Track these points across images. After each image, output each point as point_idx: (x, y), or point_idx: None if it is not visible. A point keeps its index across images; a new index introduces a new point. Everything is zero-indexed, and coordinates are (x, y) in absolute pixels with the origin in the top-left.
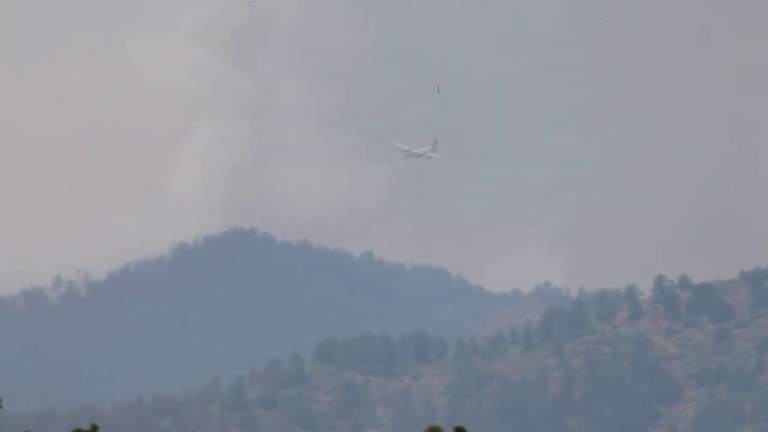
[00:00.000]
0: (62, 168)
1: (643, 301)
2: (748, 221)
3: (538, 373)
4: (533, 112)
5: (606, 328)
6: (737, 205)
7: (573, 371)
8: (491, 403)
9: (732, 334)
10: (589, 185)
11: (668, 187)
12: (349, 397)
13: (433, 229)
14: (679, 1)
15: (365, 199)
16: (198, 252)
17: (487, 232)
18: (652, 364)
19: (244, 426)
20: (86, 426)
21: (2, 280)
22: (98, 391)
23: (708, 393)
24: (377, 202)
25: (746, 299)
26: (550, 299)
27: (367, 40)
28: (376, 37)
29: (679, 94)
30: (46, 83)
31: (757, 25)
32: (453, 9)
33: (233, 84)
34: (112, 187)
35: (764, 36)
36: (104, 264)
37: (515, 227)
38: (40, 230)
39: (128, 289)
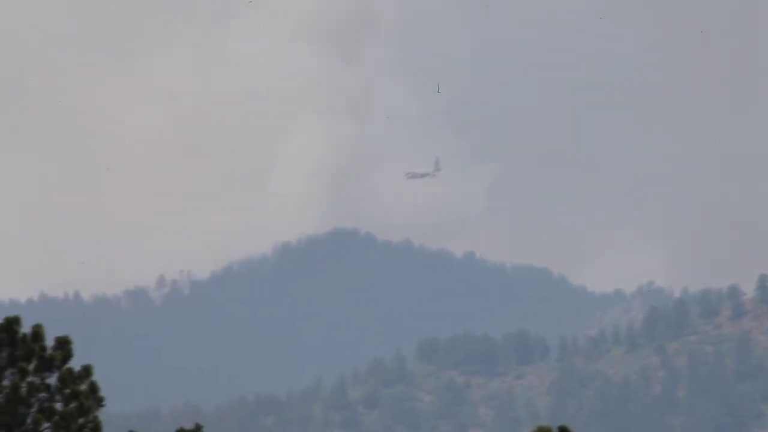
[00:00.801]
0: (166, 167)
1: (746, 300)
2: None
3: (640, 372)
4: (632, 110)
5: (709, 327)
6: None
7: (676, 371)
8: (593, 404)
9: None
10: (695, 184)
11: None
12: (451, 397)
13: (535, 229)
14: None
15: (467, 200)
16: (300, 252)
17: (589, 231)
18: (755, 363)
19: (347, 425)
20: (189, 425)
21: (106, 280)
22: (201, 391)
23: None
24: (479, 202)
25: None
26: (652, 299)
27: (470, 41)
28: (479, 39)
29: None
30: (148, 82)
31: None
32: (555, 10)
33: (336, 82)
34: (216, 187)
35: None
36: (207, 264)
37: (618, 227)
38: (144, 230)
39: (231, 288)
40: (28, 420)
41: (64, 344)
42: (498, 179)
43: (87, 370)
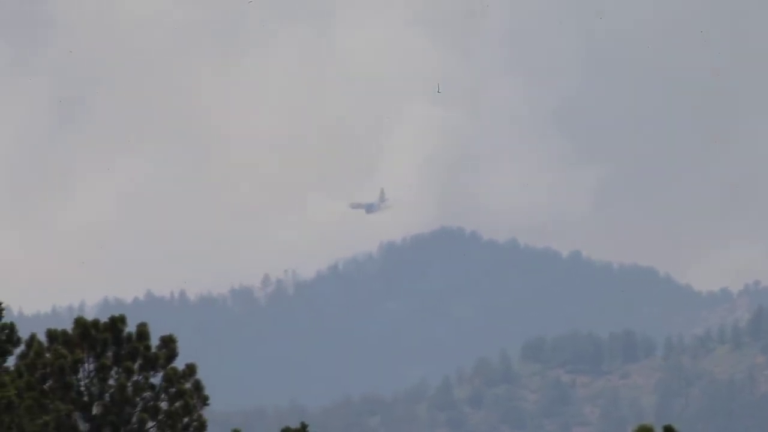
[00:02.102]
0: (272, 164)
1: None
2: None
3: (746, 371)
4: (737, 110)
5: None
6: None
7: None
8: (699, 402)
9: None
10: None
11: None
12: (556, 396)
13: (641, 228)
14: None
15: (573, 199)
16: (406, 251)
17: (695, 231)
18: None
19: (452, 425)
20: (295, 425)
21: (212, 280)
22: (307, 390)
23: None
24: (585, 202)
25: None
26: (759, 298)
27: (581, 43)
28: (590, 40)
29: None
30: (260, 76)
31: None
32: (664, 15)
33: (446, 76)
34: (322, 183)
35: None
36: (312, 263)
37: (724, 226)
38: (249, 229)
39: (336, 287)
40: (134, 419)
41: (168, 343)
42: (604, 179)
43: (191, 369)
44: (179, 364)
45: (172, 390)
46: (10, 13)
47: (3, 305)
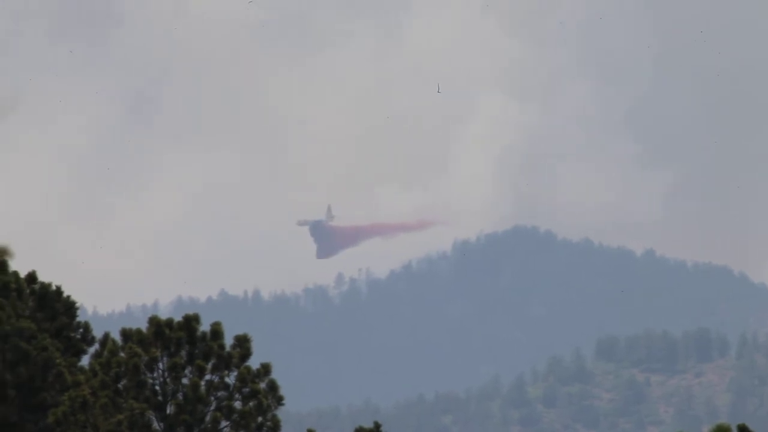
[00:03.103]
0: (344, 161)
1: None
2: None
3: None
4: None
5: None
6: None
7: None
8: None
9: None
10: None
11: None
12: (630, 395)
13: (715, 226)
14: None
15: (647, 198)
16: (480, 249)
17: None
18: None
19: (525, 423)
20: (368, 424)
21: (286, 279)
22: (380, 389)
23: None
24: (659, 201)
25: None
26: None
27: (652, 46)
28: (661, 44)
29: None
30: (332, 70)
31: None
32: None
33: (520, 71)
34: (395, 181)
35: None
36: (386, 262)
37: None
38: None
39: (410, 287)
40: (207, 418)
41: (242, 342)
42: (679, 178)
43: (266, 369)
44: (253, 363)
45: (246, 390)
46: (81, 11)
47: (77, 305)
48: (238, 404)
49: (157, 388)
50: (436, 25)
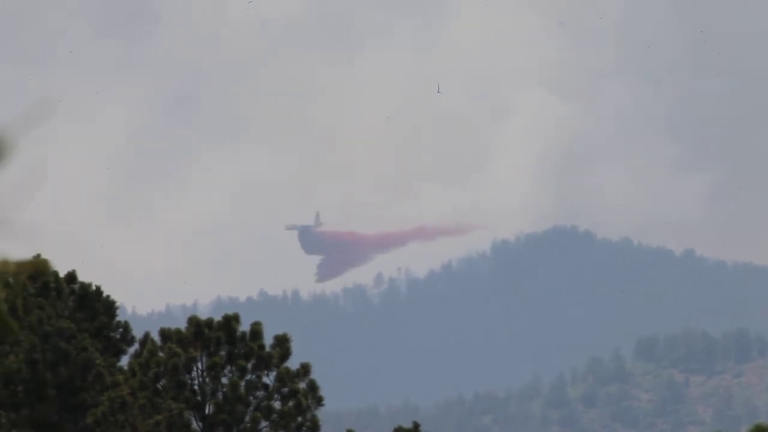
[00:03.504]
0: (386, 158)
1: None
2: None
3: None
4: None
5: None
6: None
7: None
8: None
9: None
10: None
11: None
12: (669, 395)
13: (755, 227)
14: None
15: (687, 198)
16: (519, 249)
17: None
18: None
19: (565, 423)
20: (407, 424)
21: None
22: (419, 389)
23: None
24: (698, 201)
25: None
26: None
27: (693, 45)
28: (702, 42)
29: None
30: (374, 69)
31: None
32: None
33: (560, 68)
34: (436, 179)
35: None
36: (426, 262)
37: None
38: (362, 225)
39: (449, 286)
40: (246, 418)
41: (282, 342)
42: (718, 178)
43: (305, 369)
44: (292, 363)
45: (286, 390)
46: (121, 10)
47: (117, 304)
48: (277, 404)
49: (196, 388)
50: (476, 22)
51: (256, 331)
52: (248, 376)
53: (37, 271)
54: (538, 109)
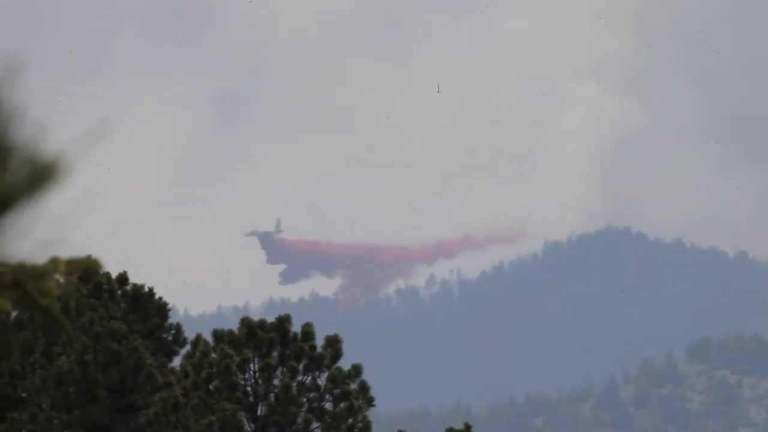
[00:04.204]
0: (440, 156)
1: None
2: None
3: None
4: None
5: None
6: None
7: None
8: None
9: None
10: None
11: None
12: (721, 397)
13: None
14: None
15: (740, 200)
16: (571, 250)
17: None
18: None
19: (617, 425)
20: (459, 425)
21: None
22: (471, 390)
23: None
24: (752, 202)
25: None
26: None
27: (746, 48)
28: (757, 44)
29: None
30: (424, 68)
31: None
32: None
33: (614, 65)
34: (488, 176)
35: None
36: (478, 263)
37: None
38: (415, 226)
39: (500, 287)
40: (299, 419)
41: (333, 343)
42: None
43: (357, 370)
44: (344, 364)
45: (337, 391)
46: (172, 10)
47: (169, 306)
48: (329, 405)
49: (249, 389)
50: (528, 18)
51: (308, 333)
52: (300, 377)
53: (88, 270)
54: (589, 106)
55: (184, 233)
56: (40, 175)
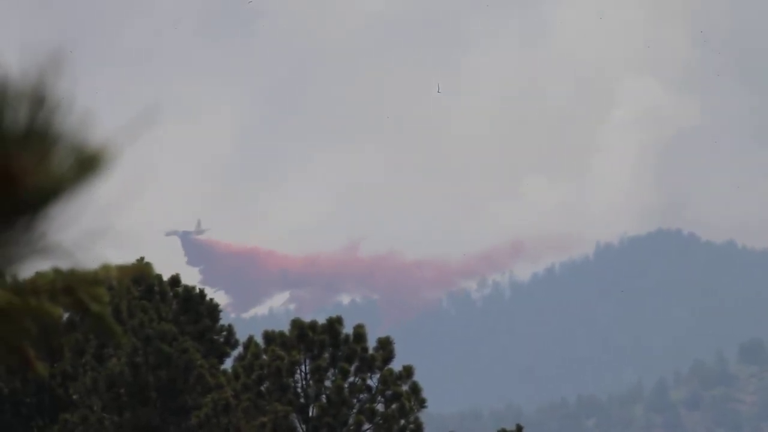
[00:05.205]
0: (491, 154)
1: None
2: None
3: None
4: None
5: None
6: None
7: None
8: None
9: None
10: None
11: None
12: None
13: None
14: None
15: None
16: (622, 252)
17: None
18: None
19: (668, 427)
20: (510, 427)
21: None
22: (523, 392)
23: None
24: None
25: None
26: None
27: None
28: None
29: None
30: (478, 69)
31: None
32: None
33: (668, 64)
34: (541, 175)
35: None
36: (530, 265)
37: None
38: (461, 224)
39: (552, 290)
40: (350, 421)
41: (385, 345)
42: None
43: (408, 371)
44: (395, 365)
45: (389, 392)
46: (223, 9)
47: (220, 307)
48: (380, 407)
49: (300, 390)
50: (582, 14)
51: (360, 334)
52: (352, 379)
53: (140, 274)
54: (642, 104)
55: (236, 233)
56: (86, 165)
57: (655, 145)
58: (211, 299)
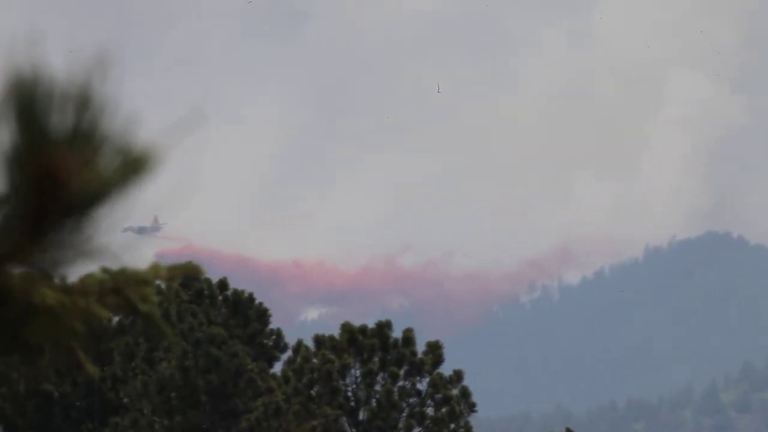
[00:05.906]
0: (540, 150)
1: None
2: None
3: None
4: None
5: None
6: None
7: None
8: None
9: None
10: None
11: None
12: None
13: None
14: None
15: None
16: (672, 256)
17: None
18: None
19: (718, 430)
20: (560, 430)
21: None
22: (572, 395)
23: None
24: None
25: None
26: None
27: None
28: None
29: None
30: (519, 73)
31: None
32: None
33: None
34: (590, 173)
35: None
36: (579, 268)
37: None
38: (509, 225)
39: (602, 293)
40: (400, 424)
41: (434, 349)
42: None
43: (458, 375)
44: (445, 370)
45: (439, 396)
46: (268, 9)
47: (269, 311)
48: (430, 410)
49: (350, 394)
50: (629, 10)
51: (409, 338)
52: (401, 383)
53: (189, 276)
54: (692, 104)
55: (282, 238)
56: (132, 167)
57: (704, 144)
58: (261, 303)
